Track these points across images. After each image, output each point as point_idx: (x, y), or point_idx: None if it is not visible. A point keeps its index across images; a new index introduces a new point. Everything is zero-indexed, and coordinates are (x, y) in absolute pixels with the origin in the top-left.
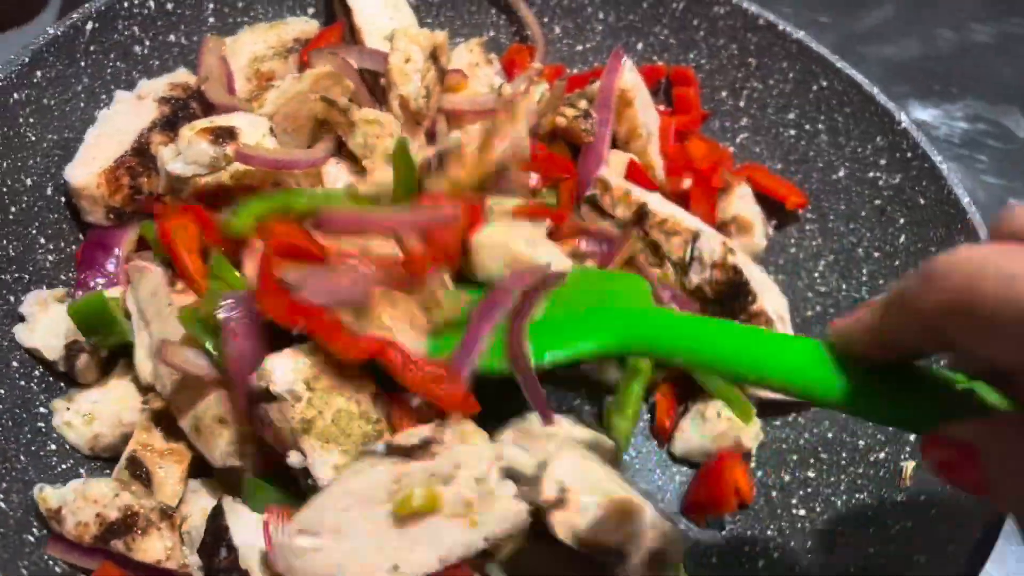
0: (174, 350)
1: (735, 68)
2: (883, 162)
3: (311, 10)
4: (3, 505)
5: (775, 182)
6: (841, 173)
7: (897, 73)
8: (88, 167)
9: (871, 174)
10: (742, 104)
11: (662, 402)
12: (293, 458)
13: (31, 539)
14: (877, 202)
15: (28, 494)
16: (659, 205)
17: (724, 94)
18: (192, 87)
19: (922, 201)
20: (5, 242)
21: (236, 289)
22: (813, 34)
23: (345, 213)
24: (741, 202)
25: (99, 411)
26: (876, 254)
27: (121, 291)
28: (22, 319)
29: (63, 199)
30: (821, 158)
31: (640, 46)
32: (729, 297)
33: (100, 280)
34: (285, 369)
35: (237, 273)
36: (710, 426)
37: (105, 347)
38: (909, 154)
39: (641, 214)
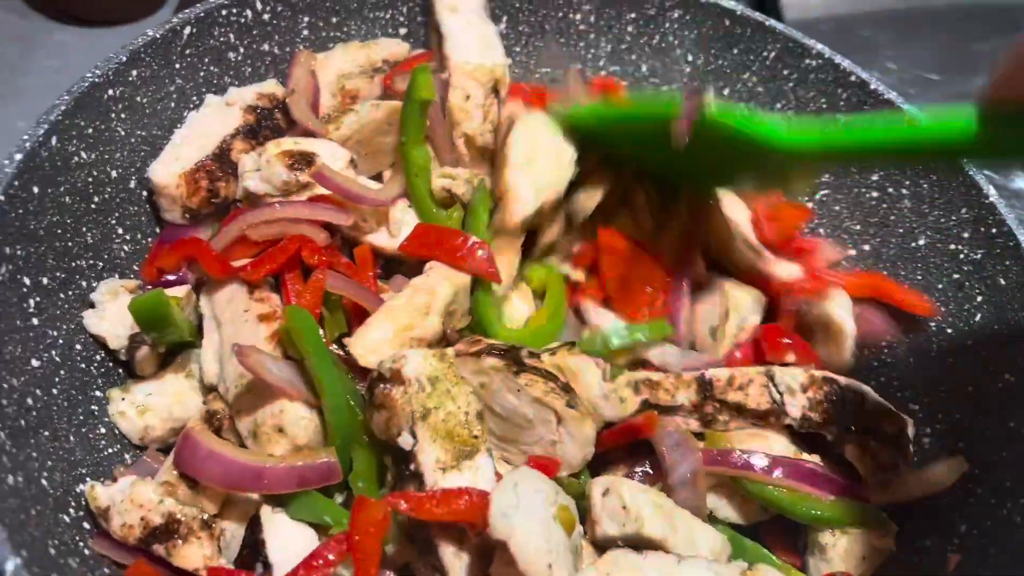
0: (252, 354)
1: None
2: (966, 235)
3: (403, 31)
4: (44, 483)
5: (902, 293)
6: (921, 242)
7: None
8: (170, 167)
9: (952, 246)
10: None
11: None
12: (404, 439)
13: (66, 519)
14: (956, 276)
15: (71, 474)
16: (715, 371)
17: None
18: (279, 98)
19: (1003, 281)
20: (85, 229)
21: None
22: (919, 92)
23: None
24: (837, 310)
25: (152, 404)
26: (949, 330)
27: (187, 290)
28: (92, 305)
29: (144, 193)
30: (902, 224)
31: (727, 91)
32: (841, 411)
33: (170, 277)
34: (418, 360)
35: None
36: (836, 551)
37: (163, 344)
38: (994, 230)
39: (704, 386)
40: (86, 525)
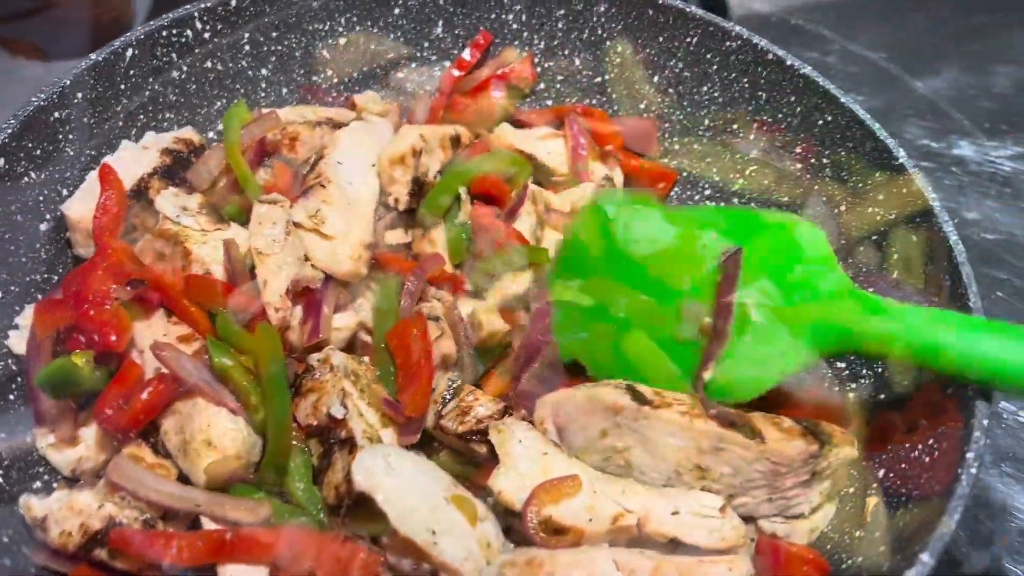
0: (168, 350)
1: (746, 101)
2: (881, 197)
3: (343, 40)
4: (1, 481)
5: None
6: (843, 208)
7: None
8: (87, 203)
9: (870, 209)
10: (752, 136)
11: None
12: (336, 409)
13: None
14: (874, 238)
15: (29, 472)
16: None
17: (736, 126)
18: (195, 144)
19: (915, 239)
20: (39, 246)
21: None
22: (861, 70)
23: None
24: None
25: (84, 434)
26: (870, 290)
27: None
28: (16, 327)
29: None
30: (825, 191)
31: (656, 78)
32: None
33: None
34: (341, 357)
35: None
36: None
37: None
38: (904, 190)
39: None
40: None
